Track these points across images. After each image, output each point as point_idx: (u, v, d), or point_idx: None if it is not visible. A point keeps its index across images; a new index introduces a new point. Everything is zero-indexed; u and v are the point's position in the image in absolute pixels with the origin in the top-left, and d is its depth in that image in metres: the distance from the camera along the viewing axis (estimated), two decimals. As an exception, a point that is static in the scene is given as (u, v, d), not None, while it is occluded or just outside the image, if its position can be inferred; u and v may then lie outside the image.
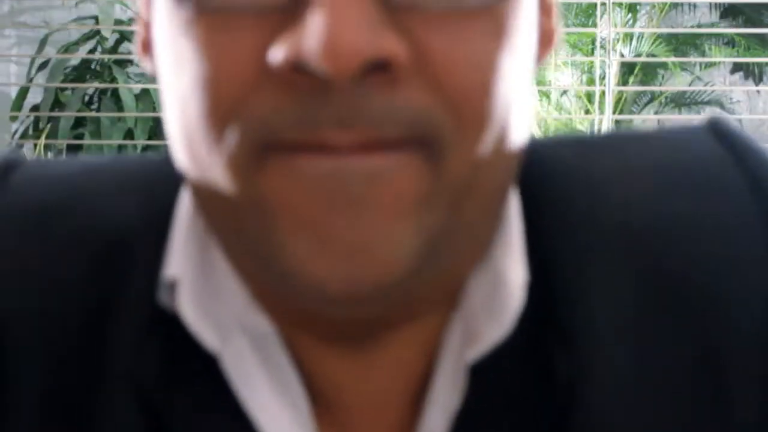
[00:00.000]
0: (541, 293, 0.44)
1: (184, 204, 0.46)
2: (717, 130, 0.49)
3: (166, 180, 0.47)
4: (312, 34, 0.35)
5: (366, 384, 0.45)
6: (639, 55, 3.98)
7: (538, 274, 0.44)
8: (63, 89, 3.15)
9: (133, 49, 0.47)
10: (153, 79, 0.45)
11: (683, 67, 4.23)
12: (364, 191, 0.37)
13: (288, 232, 0.38)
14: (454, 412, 0.43)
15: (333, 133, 0.36)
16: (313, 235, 0.37)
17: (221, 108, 0.38)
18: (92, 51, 3.30)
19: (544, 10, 0.44)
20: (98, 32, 3.19)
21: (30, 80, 3.24)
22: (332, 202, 0.37)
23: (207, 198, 0.41)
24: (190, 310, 0.43)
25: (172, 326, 0.44)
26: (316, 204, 0.37)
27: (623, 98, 4.15)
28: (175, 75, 0.40)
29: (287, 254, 0.38)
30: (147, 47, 0.45)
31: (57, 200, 0.48)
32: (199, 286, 0.44)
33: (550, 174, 0.47)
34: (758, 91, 4.51)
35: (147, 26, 0.44)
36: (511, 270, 0.43)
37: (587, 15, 4.00)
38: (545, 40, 0.45)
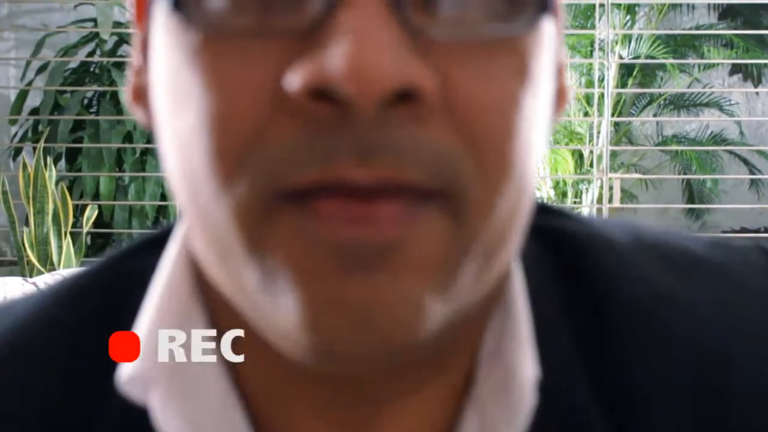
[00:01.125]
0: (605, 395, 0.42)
1: (155, 290, 0.43)
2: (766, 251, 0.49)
3: (122, 281, 0.45)
4: (337, 56, 0.32)
5: None
6: (638, 56, 3.98)
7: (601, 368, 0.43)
8: (62, 92, 3.15)
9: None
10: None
11: (682, 68, 4.23)
12: (383, 255, 0.34)
13: (294, 290, 0.34)
14: None
15: (352, 169, 0.33)
16: (322, 294, 0.34)
17: (231, 150, 0.34)
18: (91, 54, 3.30)
19: (558, 68, 0.42)
20: (97, 35, 3.19)
21: (29, 83, 3.24)
22: (346, 265, 0.34)
23: (209, 250, 0.38)
24: (159, 407, 0.41)
25: (144, 422, 0.41)
26: (328, 266, 0.34)
27: (622, 100, 4.15)
28: (176, 116, 0.36)
29: (292, 313, 0.35)
30: (138, 95, 0.42)
31: (20, 333, 0.45)
32: (171, 383, 0.41)
33: (611, 269, 0.45)
34: (757, 93, 4.51)
35: (139, 72, 0.41)
36: (522, 366, 0.41)
37: (586, 17, 4.00)
38: (559, 98, 0.43)
